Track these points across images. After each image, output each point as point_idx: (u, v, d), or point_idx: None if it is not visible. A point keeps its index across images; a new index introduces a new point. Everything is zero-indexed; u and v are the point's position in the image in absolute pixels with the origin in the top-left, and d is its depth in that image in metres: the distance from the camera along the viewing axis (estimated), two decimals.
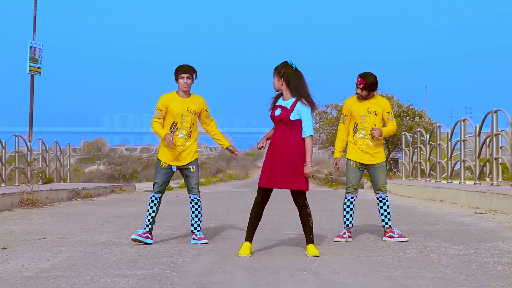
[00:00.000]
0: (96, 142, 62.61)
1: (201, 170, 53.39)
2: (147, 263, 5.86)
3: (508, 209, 10.39)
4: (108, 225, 9.41)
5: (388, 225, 7.43)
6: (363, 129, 7.31)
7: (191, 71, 7.12)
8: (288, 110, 6.23)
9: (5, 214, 11.28)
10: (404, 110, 28.19)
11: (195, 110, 7.19)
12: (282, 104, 6.29)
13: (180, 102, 7.15)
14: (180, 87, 7.15)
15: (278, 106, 6.31)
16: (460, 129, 16.23)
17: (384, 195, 7.46)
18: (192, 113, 7.18)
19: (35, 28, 22.30)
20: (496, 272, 5.34)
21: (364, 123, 7.29)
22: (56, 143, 22.51)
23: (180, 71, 7.11)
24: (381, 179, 7.39)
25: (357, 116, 7.31)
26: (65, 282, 5.03)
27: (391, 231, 7.41)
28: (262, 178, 6.29)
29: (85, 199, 16.28)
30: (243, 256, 6.20)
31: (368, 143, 7.31)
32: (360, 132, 7.32)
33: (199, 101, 7.26)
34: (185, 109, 7.15)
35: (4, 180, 16.77)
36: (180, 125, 7.15)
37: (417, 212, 11.47)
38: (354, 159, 7.38)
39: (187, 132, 7.18)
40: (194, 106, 7.20)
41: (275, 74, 6.31)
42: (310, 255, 6.22)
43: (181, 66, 7.15)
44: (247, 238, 6.36)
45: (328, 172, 33.67)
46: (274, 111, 6.32)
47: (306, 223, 6.34)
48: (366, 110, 7.29)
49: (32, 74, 21.95)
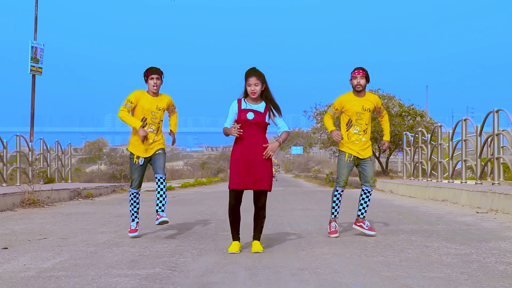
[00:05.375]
0: (97, 142, 62.69)
1: (202, 170, 53.43)
2: (148, 263, 5.86)
3: (510, 209, 10.38)
4: (109, 225, 9.41)
5: (363, 216, 7.84)
6: (357, 126, 7.68)
7: (159, 73, 7.64)
8: (262, 114, 6.46)
9: (7, 214, 11.29)
10: (405, 109, 28.19)
11: (163, 107, 7.75)
12: (253, 108, 6.47)
13: (150, 99, 7.67)
14: (150, 87, 7.65)
15: (248, 110, 6.45)
16: (461, 128, 16.23)
17: (370, 189, 7.82)
18: (161, 110, 7.73)
19: (36, 28, 22.30)
20: (498, 272, 5.34)
21: (359, 120, 7.68)
22: (57, 143, 22.52)
23: (150, 72, 7.62)
24: (370, 172, 7.77)
25: (352, 114, 7.66)
26: (66, 282, 5.03)
27: (363, 222, 7.83)
28: (234, 180, 6.40)
29: (86, 199, 16.29)
30: (232, 252, 6.43)
31: (361, 139, 7.70)
32: (354, 128, 7.70)
33: (167, 99, 7.82)
34: (155, 106, 7.68)
35: (5, 180, 16.77)
36: (150, 120, 7.66)
37: (419, 212, 11.47)
38: (349, 152, 7.71)
39: (156, 127, 7.72)
40: (163, 104, 7.74)
41: (261, 81, 6.44)
42: (253, 251, 6.46)
43: (150, 68, 7.66)
44: (234, 239, 6.58)
45: (329, 172, 33.67)
46: (245, 115, 6.43)
47: (260, 223, 6.59)
48: (361, 108, 7.66)
49: (34, 74, 21.94)
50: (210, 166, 54.76)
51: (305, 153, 75.57)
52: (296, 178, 53.99)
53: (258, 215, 6.54)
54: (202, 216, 10.88)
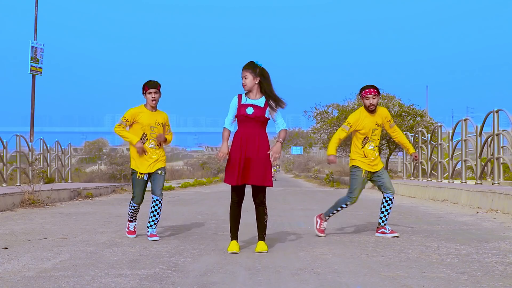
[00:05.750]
0: (97, 142, 62.65)
1: (202, 170, 53.46)
2: (148, 263, 5.86)
3: (510, 209, 10.38)
4: (109, 225, 9.41)
5: (384, 223, 7.79)
6: (372, 142, 7.75)
7: (157, 86, 7.56)
8: (262, 109, 6.40)
9: (7, 214, 11.29)
10: (405, 110, 28.18)
11: (162, 123, 7.67)
12: (253, 102, 6.42)
13: (149, 114, 7.59)
14: (148, 102, 7.57)
15: (247, 105, 6.41)
16: (461, 128, 16.23)
17: (392, 195, 7.82)
18: (160, 125, 7.65)
19: (36, 28, 22.30)
20: (498, 272, 5.33)
21: (373, 135, 7.76)
22: (57, 143, 22.51)
23: (148, 86, 7.53)
24: (388, 179, 7.83)
25: (369, 131, 7.72)
26: (66, 282, 5.03)
27: (384, 228, 7.78)
28: (233, 176, 6.39)
29: (86, 199, 16.29)
30: (232, 252, 6.40)
31: (375, 154, 7.78)
32: (370, 145, 7.75)
33: (164, 115, 7.73)
34: (154, 121, 7.60)
35: (5, 180, 16.77)
36: (150, 136, 7.60)
37: (418, 212, 11.47)
38: (366, 168, 7.74)
39: (156, 143, 7.64)
40: (161, 119, 7.66)
41: (250, 73, 6.41)
42: (256, 251, 6.42)
43: (148, 82, 7.58)
44: (232, 237, 6.54)
45: (329, 172, 33.66)
46: (244, 110, 6.40)
47: (261, 220, 6.54)
48: (375, 124, 7.74)
49: (34, 74, 21.94)
50: (210, 166, 54.76)
51: (305, 153, 75.56)
52: (296, 178, 53.98)
53: (258, 213, 6.52)
54: (202, 216, 10.89)
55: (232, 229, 6.55)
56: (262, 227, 6.53)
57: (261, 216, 6.53)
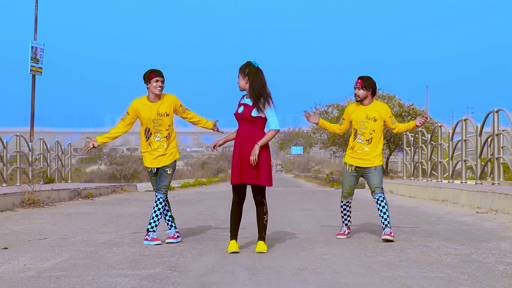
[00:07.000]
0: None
1: (202, 170, 53.45)
2: (148, 263, 5.86)
3: (510, 209, 10.38)
4: (109, 225, 9.41)
5: (385, 225, 7.34)
6: (361, 135, 7.50)
7: (163, 75, 7.20)
8: (250, 107, 6.49)
9: (7, 214, 11.29)
10: (405, 109, 28.18)
11: (166, 112, 7.22)
12: (245, 102, 6.56)
13: (149, 107, 7.21)
14: (153, 90, 7.16)
15: (241, 104, 6.58)
16: (462, 128, 16.22)
17: (378, 195, 7.43)
18: (164, 115, 7.22)
19: (36, 28, 22.29)
20: (498, 272, 5.34)
21: (363, 128, 7.48)
22: (57, 143, 22.50)
23: (154, 74, 7.15)
24: (373, 181, 7.45)
25: (356, 122, 7.52)
26: (66, 282, 5.03)
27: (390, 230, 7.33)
28: (233, 175, 6.51)
29: (86, 199, 16.28)
30: (232, 252, 6.42)
31: (363, 148, 7.48)
32: (358, 138, 7.52)
33: (170, 100, 7.27)
34: (155, 114, 7.19)
35: (5, 180, 16.76)
36: (153, 129, 7.22)
37: (418, 212, 11.47)
38: (350, 163, 7.55)
39: (164, 135, 7.24)
40: (164, 107, 7.22)
41: (240, 74, 6.57)
42: (256, 251, 6.44)
43: (154, 69, 7.21)
44: (232, 237, 6.56)
45: (329, 172, 33.68)
46: (238, 109, 6.57)
47: (261, 220, 6.56)
48: (365, 116, 7.48)
49: (34, 74, 21.93)
50: (210, 166, 54.77)
51: (305, 153, 75.56)
52: (296, 178, 53.96)
53: (258, 212, 6.56)
54: (202, 216, 10.89)
55: (232, 229, 6.57)
56: (261, 226, 6.56)
57: (260, 215, 6.56)
